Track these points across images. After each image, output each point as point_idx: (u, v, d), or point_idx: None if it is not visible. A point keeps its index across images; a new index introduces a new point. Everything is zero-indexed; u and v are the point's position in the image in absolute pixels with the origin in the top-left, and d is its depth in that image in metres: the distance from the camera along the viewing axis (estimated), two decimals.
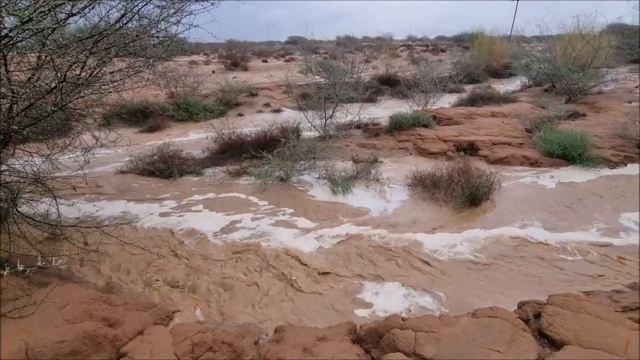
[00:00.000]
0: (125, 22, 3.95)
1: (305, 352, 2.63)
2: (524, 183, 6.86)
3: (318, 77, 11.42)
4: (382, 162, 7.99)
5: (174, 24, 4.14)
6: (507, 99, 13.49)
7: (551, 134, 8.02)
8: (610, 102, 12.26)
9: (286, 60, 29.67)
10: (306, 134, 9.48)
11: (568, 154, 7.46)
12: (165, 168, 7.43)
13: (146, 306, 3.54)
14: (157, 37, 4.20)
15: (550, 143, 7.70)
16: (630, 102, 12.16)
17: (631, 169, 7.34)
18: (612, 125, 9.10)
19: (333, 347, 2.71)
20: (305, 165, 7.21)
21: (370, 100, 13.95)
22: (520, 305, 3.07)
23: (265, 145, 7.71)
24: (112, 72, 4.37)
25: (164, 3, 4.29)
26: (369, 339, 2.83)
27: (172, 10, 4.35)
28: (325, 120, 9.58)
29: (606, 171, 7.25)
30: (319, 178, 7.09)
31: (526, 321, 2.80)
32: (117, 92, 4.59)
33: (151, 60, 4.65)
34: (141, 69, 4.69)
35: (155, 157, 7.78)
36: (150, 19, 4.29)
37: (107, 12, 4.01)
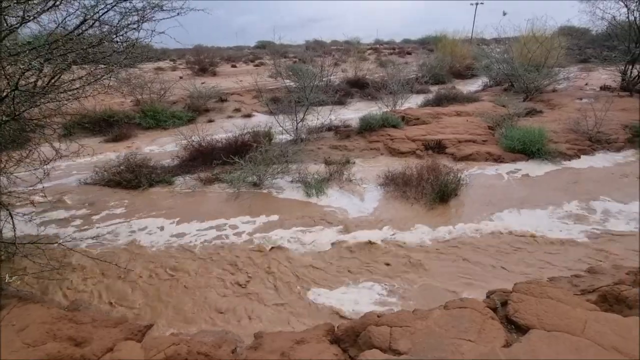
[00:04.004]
0: (85, 28, 3.81)
1: (283, 356, 2.62)
2: (488, 178, 7.19)
3: (288, 81, 11.44)
4: (354, 163, 8.10)
5: (135, 29, 4.01)
6: (470, 98, 14.07)
7: (512, 130, 8.46)
8: (563, 99, 13.09)
9: (255, 65, 29.48)
10: (278, 137, 9.46)
11: (528, 149, 7.89)
12: (133, 178, 7.16)
13: (116, 322, 3.40)
14: (119, 43, 4.06)
15: (511, 139, 8.12)
16: (581, 99, 13.04)
17: (584, 160, 7.89)
18: (566, 121, 9.72)
19: (311, 349, 2.72)
20: (279, 169, 7.19)
21: (341, 102, 14.12)
22: (489, 294, 3.22)
23: (237, 151, 7.61)
24: (72, 80, 4.19)
25: (125, 10, 4.18)
26: (347, 338, 2.86)
27: (135, 18, 4.24)
28: (297, 124, 9.61)
29: (568, 163, 7.77)
30: (292, 181, 7.09)
31: (494, 309, 2.93)
32: (77, 99, 4.39)
33: (113, 67, 4.49)
34: (102, 76, 4.52)
35: (121, 167, 7.48)
36: (111, 26, 4.16)
37: (64, 18, 3.85)
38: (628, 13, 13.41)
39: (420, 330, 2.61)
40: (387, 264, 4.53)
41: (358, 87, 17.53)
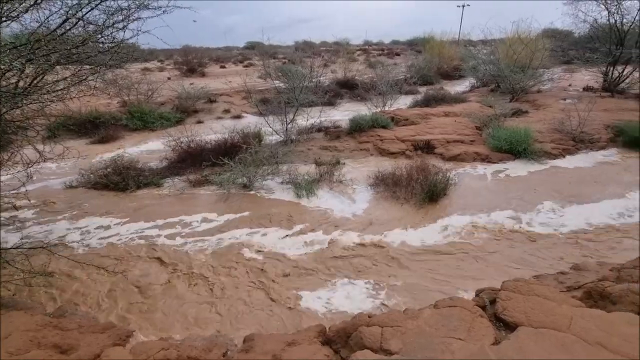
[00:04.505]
0: (68, 28, 3.73)
1: (274, 358, 2.61)
2: (476, 177, 7.30)
3: (277, 81, 11.41)
4: (344, 163, 8.13)
5: (121, 29, 3.95)
6: (458, 99, 14.25)
7: (499, 130, 8.60)
8: (548, 99, 13.38)
9: (245, 66, 29.33)
10: (268, 139, 9.43)
11: (514, 149, 8.03)
12: (120, 180, 7.04)
13: (104, 327, 3.33)
14: (104, 43, 3.99)
15: (498, 139, 8.26)
16: (565, 99, 13.34)
17: (569, 160, 8.06)
18: (551, 121, 9.93)
19: (302, 350, 2.71)
20: (269, 170, 7.17)
21: (330, 103, 14.15)
22: (477, 292, 3.26)
23: (226, 152, 7.56)
24: (56, 81, 4.09)
25: (111, 9, 4.11)
26: (338, 339, 2.86)
27: (120, 17, 4.17)
28: (287, 125, 9.59)
29: (552, 162, 7.93)
30: (282, 183, 7.07)
31: (483, 308, 2.96)
32: (61, 101, 4.29)
33: (99, 68, 4.41)
34: (88, 77, 4.43)
35: (108, 169, 7.36)
36: (96, 25, 4.08)
37: (47, 17, 3.77)
38: (609, 16, 13.78)
39: (411, 330, 2.63)
40: (372, 264, 4.56)
41: (347, 88, 17.60)
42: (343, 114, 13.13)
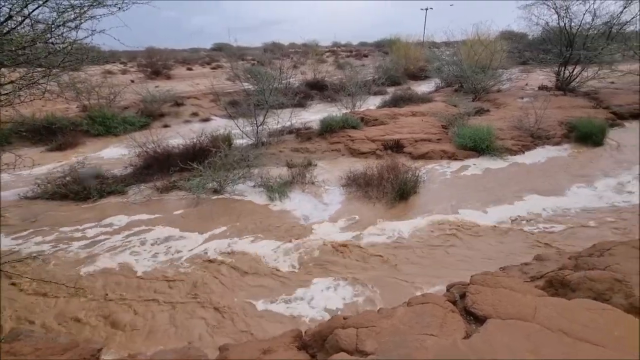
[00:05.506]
0: (13, 26, 3.46)
1: None
2: (443, 174, 7.54)
3: (247, 84, 11.24)
4: (316, 165, 8.12)
5: (73, 28, 3.71)
6: (424, 99, 14.65)
7: (463, 129, 8.92)
8: (507, 98, 14.05)
9: (212, 68, 28.69)
10: (238, 142, 9.26)
11: (478, 146, 8.37)
12: (81, 189, 6.66)
13: (65, 348, 3.10)
14: (55, 44, 3.73)
15: (463, 137, 8.57)
16: (522, 98, 14.07)
17: (528, 156, 8.50)
18: (510, 119, 10.43)
19: (279, 357, 2.67)
20: (240, 174, 7.03)
21: (301, 105, 14.14)
22: (448, 287, 3.34)
23: (195, 157, 7.34)
24: (0, 85, 3.78)
25: (62, 6, 3.85)
26: (314, 343, 2.84)
27: (72, 15, 3.91)
28: (257, 127, 9.46)
29: (513, 158, 8.34)
30: (254, 186, 6.96)
31: (454, 302, 3.04)
32: (10, 105, 3.98)
33: (51, 70, 4.12)
34: (39, 80, 4.13)
35: (67, 178, 6.93)
36: (46, 24, 3.81)
37: None
38: (559, 19, 14.70)
39: (385, 329, 2.65)
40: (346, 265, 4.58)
41: (317, 89, 17.66)
42: (314, 115, 13.14)
